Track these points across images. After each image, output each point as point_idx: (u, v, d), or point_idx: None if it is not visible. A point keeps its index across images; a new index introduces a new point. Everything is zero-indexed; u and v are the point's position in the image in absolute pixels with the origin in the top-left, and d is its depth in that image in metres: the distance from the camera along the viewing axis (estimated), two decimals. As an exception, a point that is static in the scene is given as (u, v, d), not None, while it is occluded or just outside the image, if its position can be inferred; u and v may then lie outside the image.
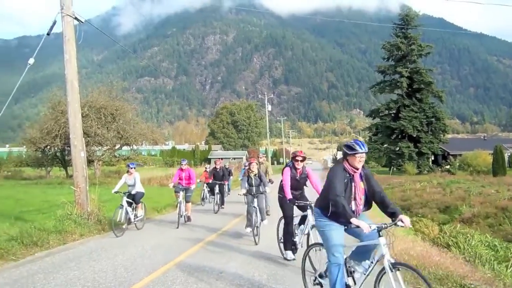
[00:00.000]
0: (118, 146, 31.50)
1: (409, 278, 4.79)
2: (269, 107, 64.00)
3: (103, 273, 5.94)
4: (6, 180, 32.61)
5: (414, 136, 41.48)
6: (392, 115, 44.02)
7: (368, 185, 4.00)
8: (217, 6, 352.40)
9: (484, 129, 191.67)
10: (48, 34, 9.86)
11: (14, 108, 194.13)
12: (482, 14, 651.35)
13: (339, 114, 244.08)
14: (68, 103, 10.19)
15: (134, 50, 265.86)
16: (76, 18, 10.06)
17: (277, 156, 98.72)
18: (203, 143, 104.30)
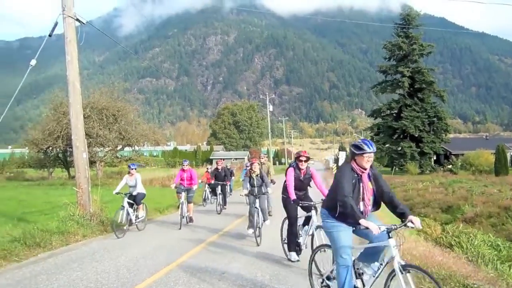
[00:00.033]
0: (120, 147, 31.55)
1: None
2: (270, 108, 63.94)
3: (105, 274, 5.95)
4: (9, 181, 32.74)
5: (416, 135, 41.43)
6: (394, 115, 43.99)
7: (376, 185, 3.94)
8: (218, 6, 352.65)
9: (486, 128, 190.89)
10: (49, 36, 9.87)
11: (16, 109, 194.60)
12: (484, 13, 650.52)
13: (340, 114, 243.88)
14: (70, 104, 10.22)
15: (135, 51, 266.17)
16: (77, 20, 10.08)
17: (278, 156, 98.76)
18: (204, 143, 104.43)
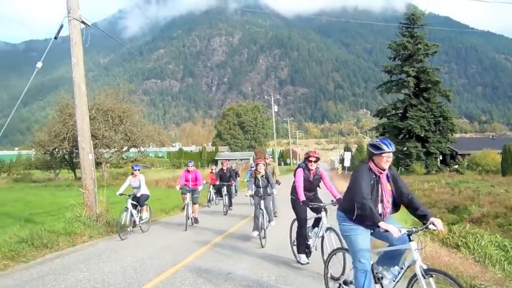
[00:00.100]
0: (125, 148, 31.70)
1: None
2: (275, 108, 63.95)
3: (112, 274, 5.99)
4: (16, 182, 32.95)
5: (422, 135, 41.17)
6: (399, 115, 43.75)
7: (395, 186, 3.79)
8: (222, 7, 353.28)
9: (492, 128, 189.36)
10: (55, 38, 9.96)
11: (23, 111, 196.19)
12: (489, 12, 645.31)
13: (345, 114, 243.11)
14: (75, 106, 10.29)
15: (140, 52, 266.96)
16: (83, 22, 10.15)
17: (284, 157, 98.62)
18: (210, 144, 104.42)
